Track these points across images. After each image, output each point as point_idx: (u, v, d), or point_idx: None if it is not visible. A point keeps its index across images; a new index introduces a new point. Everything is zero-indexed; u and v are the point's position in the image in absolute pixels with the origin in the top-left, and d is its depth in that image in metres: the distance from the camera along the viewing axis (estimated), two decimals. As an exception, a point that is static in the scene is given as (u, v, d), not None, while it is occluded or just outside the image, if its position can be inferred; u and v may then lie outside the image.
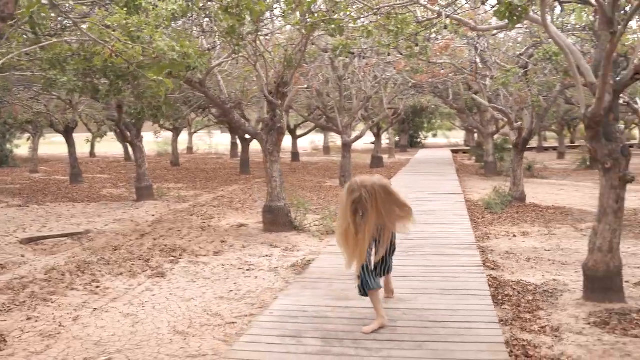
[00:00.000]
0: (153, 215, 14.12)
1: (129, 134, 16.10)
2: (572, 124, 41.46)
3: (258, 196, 17.15)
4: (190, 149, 41.96)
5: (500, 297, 7.31)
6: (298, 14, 8.74)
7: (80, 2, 7.37)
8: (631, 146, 45.38)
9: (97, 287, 8.13)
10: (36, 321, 6.75)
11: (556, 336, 6.14)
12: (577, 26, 11.13)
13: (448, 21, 8.40)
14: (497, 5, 6.62)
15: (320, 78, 18.79)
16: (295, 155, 34.62)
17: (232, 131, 36.69)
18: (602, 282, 7.11)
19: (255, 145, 29.38)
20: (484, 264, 8.79)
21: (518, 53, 14.14)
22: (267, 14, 11.88)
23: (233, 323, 6.64)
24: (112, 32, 5.80)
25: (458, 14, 8.47)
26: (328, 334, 5.60)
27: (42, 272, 8.85)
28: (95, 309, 7.17)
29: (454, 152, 42.12)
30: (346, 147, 20.51)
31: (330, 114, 21.51)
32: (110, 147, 43.01)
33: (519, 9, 6.35)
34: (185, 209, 15.13)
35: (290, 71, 11.62)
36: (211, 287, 8.07)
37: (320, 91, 20.29)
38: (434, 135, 60.59)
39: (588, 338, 6.07)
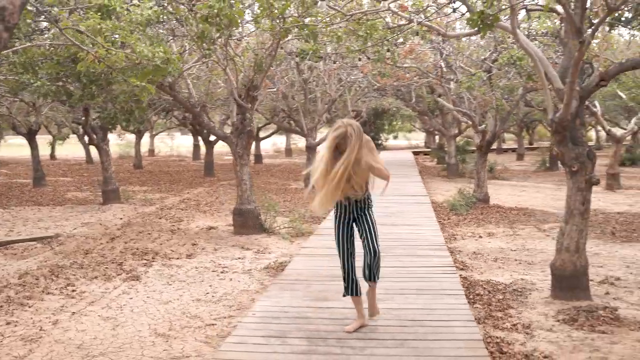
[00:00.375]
0: (121, 219, 14.10)
1: (95, 136, 16.05)
2: (530, 126, 42.24)
3: (224, 199, 17.23)
4: (152, 151, 41.73)
5: (471, 297, 7.54)
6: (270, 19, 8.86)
7: (64, 7, 7.36)
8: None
9: (73, 290, 8.14)
10: (15, 326, 6.76)
11: (528, 333, 6.38)
12: (541, 32, 11.44)
13: (418, 27, 8.62)
14: (470, 14, 6.84)
15: (286, 81, 18.91)
16: (258, 157, 34.68)
17: (195, 133, 36.63)
18: (569, 280, 7.39)
19: (218, 148, 29.44)
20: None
21: (482, 57, 14.45)
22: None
23: (213, 325, 6.75)
24: (91, 37, 5.85)
25: (429, 20, 8.67)
26: (312, 333, 5.76)
27: (15, 277, 8.82)
28: (74, 312, 7.21)
29: (415, 153, 42.55)
30: (310, 149, 20.68)
31: (295, 116, 21.66)
32: (71, 149, 42.58)
33: (490, 18, 6.56)
34: (153, 212, 15.13)
35: (260, 75, 11.74)
36: (187, 290, 8.15)
37: (286, 94, 20.41)
38: (395, 137, 61.14)
39: (558, 334, 6.32)
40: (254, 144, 35.31)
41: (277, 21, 8.77)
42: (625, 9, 6.86)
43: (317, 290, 7.13)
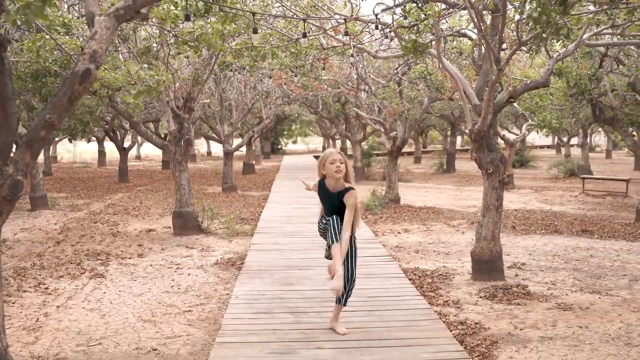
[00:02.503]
0: (56, 224, 14.64)
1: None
2: (425, 131, 44.58)
3: (149, 204, 17.95)
4: (54, 158, 41.31)
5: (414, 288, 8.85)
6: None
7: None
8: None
9: (47, 288, 8.87)
10: (10, 319, 7.48)
11: (458, 307, 7.73)
12: (454, 50, 12.93)
13: (353, 49, 9.87)
14: (404, 42, 8.12)
15: (206, 90, 19.82)
16: (165, 163, 35.13)
17: (100, 141, 36.74)
18: (487, 264, 8.81)
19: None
20: (384, 256, 10.35)
21: (394, 70, 15.89)
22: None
23: (190, 311, 7.73)
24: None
25: (361, 43, 9.94)
26: (292, 309, 6.93)
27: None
28: (58, 306, 7.98)
29: (316, 157, 43.96)
30: (228, 155, 21.67)
31: (212, 123, 22.57)
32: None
33: (422, 46, 7.87)
34: (84, 217, 15.72)
35: (198, 87, 12.71)
36: (153, 284, 9.06)
37: (204, 103, 21.30)
38: (294, 142, 62.59)
39: (482, 307, 7.70)
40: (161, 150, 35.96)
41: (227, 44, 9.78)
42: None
43: (282, 278, 8.25)
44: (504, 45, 8.82)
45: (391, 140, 17.11)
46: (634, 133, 16.14)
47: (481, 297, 8.14)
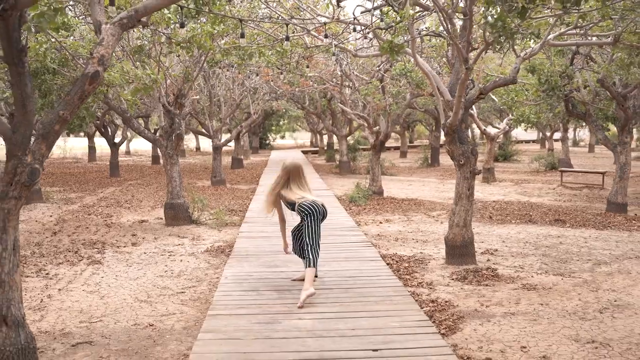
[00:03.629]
0: (51, 216, 15.20)
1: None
2: (411, 126, 45.27)
3: (141, 197, 18.51)
4: (44, 154, 41.67)
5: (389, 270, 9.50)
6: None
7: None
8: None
9: (47, 274, 9.45)
10: (15, 300, 8.09)
11: (431, 288, 8.37)
12: (433, 49, 13.58)
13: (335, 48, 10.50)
14: (381, 43, 8.75)
15: (196, 87, 20.40)
16: (155, 158, 35.67)
17: (90, 136, 37.21)
18: (459, 249, 9.47)
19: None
20: (365, 243, 11.01)
21: (376, 67, 16.54)
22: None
23: (182, 292, 8.34)
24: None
25: (342, 42, 10.57)
26: (277, 287, 7.60)
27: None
28: (60, 289, 8.57)
29: (304, 152, 44.62)
30: (217, 150, 22.26)
31: (201, 119, 23.15)
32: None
33: (397, 47, 8.49)
34: (79, 209, 16.28)
35: (188, 84, 13.31)
36: (147, 269, 9.66)
37: (194, 99, 21.88)
38: (282, 137, 63.19)
39: (453, 287, 8.36)
40: (151, 145, 36.48)
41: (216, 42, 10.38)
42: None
43: (267, 261, 8.89)
44: (476, 45, 9.45)
45: (374, 135, 17.76)
46: (604, 125, 16.80)
47: (453, 279, 8.79)
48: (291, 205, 7.65)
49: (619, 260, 10.05)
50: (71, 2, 9.46)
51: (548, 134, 38.48)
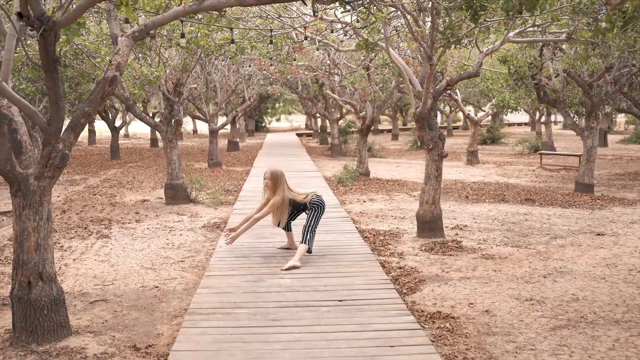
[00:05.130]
0: (58, 196, 16.33)
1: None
2: (404, 109, 46.36)
3: (142, 178, 19.64)
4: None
5: (362, 238, 10.68)
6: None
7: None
8: (456, 128, 51.09)
9: (61, 247, 10.60)
10: (36, 267, 9.25)
11: (401, 257, 9.55)
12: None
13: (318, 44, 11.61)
14: (358, 40, 9.87)
15: (193, 74, 21.48)
16: (154, 141, 36.75)
17: (90, 120, 38.18)
18: (429, 224, 10.64)
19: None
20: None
21: (362, 57, 17.65)
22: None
23: (182, 261, 9.51)
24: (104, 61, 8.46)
25: (325, 38, 11.70)
26: (264, 254, 8.88)
27: (5, 239, 11.17)
28: (74, 259, 9.73)
29: (298, 135, 45.71)
30: (213, 133, 23.40)
31: (198, 104, 24.26)
32: None
33: (372, 44, 9.62)
34: (83, 190, 17.43)
35: (186, 74, 14.42)
36: (151, 242, 10.82)
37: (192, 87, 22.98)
38: (278, 120, 64.21)
39: (421, 257, 9.53)
40: (149, 128, 37.56)
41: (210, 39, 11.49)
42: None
43: (258, 233, 10.09)
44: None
45: (361, 120, 18.90)
46: (579, 111, 17.96)
47: (421, 250, 9.97)
48: (297, 205, 8.90)
49: (575, 234, 11.22)
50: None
51: (537, 117, 39.52)
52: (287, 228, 9.18)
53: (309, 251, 8.71)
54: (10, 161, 5.70)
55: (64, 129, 5.89)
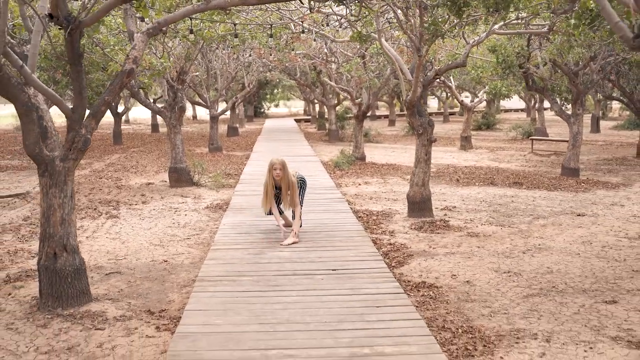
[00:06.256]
0: (66, 179, 17.00)
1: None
2: (401, 96, 46.95)
3: (145, 162, 20.31)
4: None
5: (356, 217, 11.39)
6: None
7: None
8: (452, 114, 51.67)
9: (74, 225, 11.32)
10: (53, 244, 9.94)
11: (392, 235, 10.28)
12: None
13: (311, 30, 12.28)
14: (352, 32, 10.55)
15: (195, 62, 22.12)
16: (155, 127, 37.42)
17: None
18: (418, 205, 11.36)
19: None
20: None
21: (357, 47, 18.31)
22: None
23: (188, 239, 10.22)
24: (115, 52, 9.16)
25: (322, 29, 12.38)
26: (266, 229, 9.67)
27: (20, 219, 11.87)
28: (87, 237, 10.44)
29: (297, 121, 46.36)
30: (214, 119, 24.08)
31: (199, 90, 24.93)
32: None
33: (365, 36, 10.30)
34: (90, 174, 18.10)
35: (189, 63, 15.09)
36: (158, 222, 11.52)
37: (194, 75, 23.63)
38: (276, 106, 64.79)
39: (410, 235, 10.26)
40: (150, 114, 38.21)
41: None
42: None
43: (258, 212, 10.78)
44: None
45: (357, 106, 19.58)
46: (568, 97, 18.65)
47: (411, 229, 10.69)
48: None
49: (556, 215, 11.93)
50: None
51: (532, 103, 40.16)
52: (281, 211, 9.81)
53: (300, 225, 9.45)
54: (39, 145, 6.39)
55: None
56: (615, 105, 53.77)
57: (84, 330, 6.20)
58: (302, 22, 12.22)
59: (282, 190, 9.27)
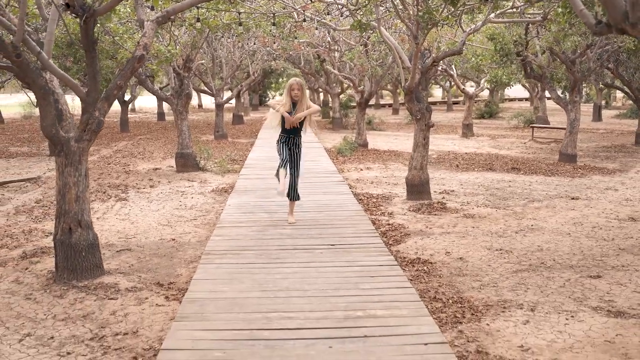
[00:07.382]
0: (76, 165, 17.44)
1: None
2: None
3: (151, 149, 20.74)
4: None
5: (356, 200, 11.81)
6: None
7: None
8: (456, 102, 51.94)
9: (85, 207, 11.75)
10: (65, 224, 10.37)
11: (390, 216, 10.69)
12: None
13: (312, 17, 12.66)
14: (353, 21, 10.92)
15: (200, 51, 22.51)
16: (161, 115, 37.84)
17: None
18: (417, 188, 11.76)
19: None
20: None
21: (358, 35, 18.66)
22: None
23: (195, 219, 10.65)
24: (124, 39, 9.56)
25: (324, 18, 12.76)
26: (269, 210, 10.13)
27: (32, 202, 12.31)
28: (98, 218, 10.86)
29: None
30: (219, 107, 24.50)
31: (205, 78, 25.34)
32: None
33: (365, 25, 10.67)
34: (98, 160, 18.55)
35: (195, 51, 15.49)
36: (165, 204, 11.95)
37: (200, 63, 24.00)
38: (281, 94, 65.01)
39: (408, 216, 10.67)
40: (156, 102, 38.62)
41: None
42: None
43: (262, 194, 11.27)
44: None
45: (360, 94, 19.97)
46: (566, 85, 18.99)
47: (409, 210, 11.10)
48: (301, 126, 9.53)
49: (551, 198, 12.32)
50: None
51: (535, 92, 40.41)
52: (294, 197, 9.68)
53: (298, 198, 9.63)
54: (55, 126, 6.81)
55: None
56: (619, 94, 53.96)
57: (97, 300, 6.63)
58: (304, 11, 12.58)
59: (298, 106, 9.20)
